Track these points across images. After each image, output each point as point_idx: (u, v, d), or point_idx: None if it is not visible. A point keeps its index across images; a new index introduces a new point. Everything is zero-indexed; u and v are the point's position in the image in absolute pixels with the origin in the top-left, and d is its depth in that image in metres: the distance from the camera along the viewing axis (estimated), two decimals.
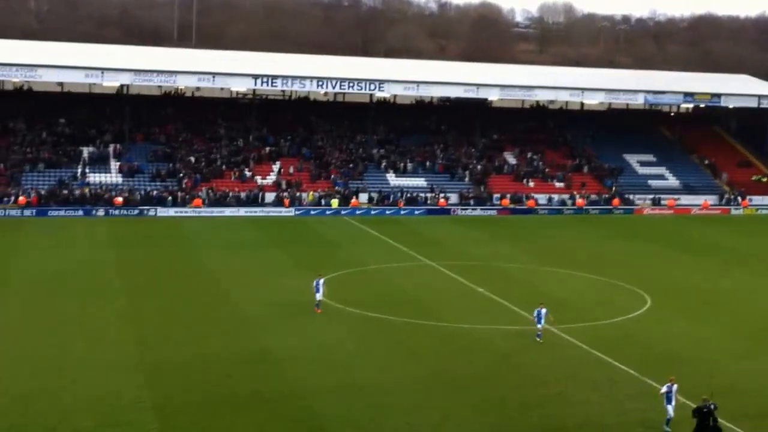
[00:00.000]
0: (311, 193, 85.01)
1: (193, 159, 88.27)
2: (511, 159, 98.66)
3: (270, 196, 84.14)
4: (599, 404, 31.80)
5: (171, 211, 79.09)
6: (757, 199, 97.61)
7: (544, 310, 39.71)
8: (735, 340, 41.37)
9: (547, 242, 70.61)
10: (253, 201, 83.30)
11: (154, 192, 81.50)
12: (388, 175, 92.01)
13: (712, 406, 28.27)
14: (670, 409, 29.16)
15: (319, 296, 44.00)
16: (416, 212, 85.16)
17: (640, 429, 29.58)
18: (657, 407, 30.38)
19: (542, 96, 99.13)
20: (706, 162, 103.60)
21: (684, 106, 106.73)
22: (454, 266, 57.19)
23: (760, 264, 63.22)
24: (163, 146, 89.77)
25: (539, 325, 39.55)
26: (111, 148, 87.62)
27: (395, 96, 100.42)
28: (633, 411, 31.15)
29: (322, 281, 44.63)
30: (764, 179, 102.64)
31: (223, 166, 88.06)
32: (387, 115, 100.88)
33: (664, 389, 29.77)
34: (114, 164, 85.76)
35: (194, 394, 31.85)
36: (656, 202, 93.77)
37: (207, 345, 37.99)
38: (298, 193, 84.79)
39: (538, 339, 39.46)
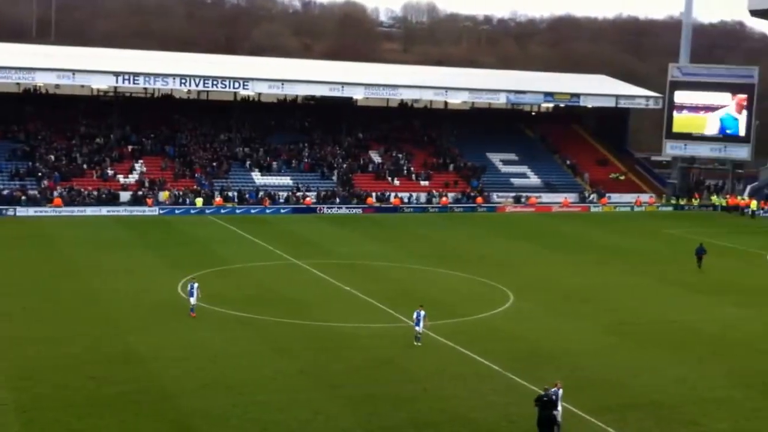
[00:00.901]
0: (166, 192, 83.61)
1: (53, 157, 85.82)
2: (377, 158, 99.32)
3: (125, 195, 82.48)
4: (466, 399, 32.16)
5: (30, 211, 76.94)
6: (615, 197, 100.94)
7: (423, 313, 38.66)
8: (596, 334, 42.45)
9: (413, 240, 71.31)
10: (114, 200, 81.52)
11: (12, 191, 78.93)
12: (253, 173, 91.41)
13: (554, 396, 28.41)
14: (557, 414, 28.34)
15: (193, 300, 42.42)
16: (282, 211, 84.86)
17: (504, 423, 30.00)
18: (520, 402, 31.00)
19: (407, 95, 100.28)
20: (567, 162, 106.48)
21: (545, 105, 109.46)
22: (321, 265, 57.19)
23: (621, 260, 65.14)
24: (22, 144, 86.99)
25: (418, 328, 38.64)
26: None
27: (260, 94, 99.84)
28: (498, 405, 31.60)
29: (196, 285, 42.80)
30: (622, 177, 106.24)
31: (84, 165, 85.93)
32: (252, 114, 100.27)
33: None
34: None
35: (59, 395, 30.98)
36: (518, 200, 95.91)
37: (73, 346, 37.01)
38: (152, 192, 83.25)
39: (416, 343, 38.60)
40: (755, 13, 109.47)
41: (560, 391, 28.78)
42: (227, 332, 40.04)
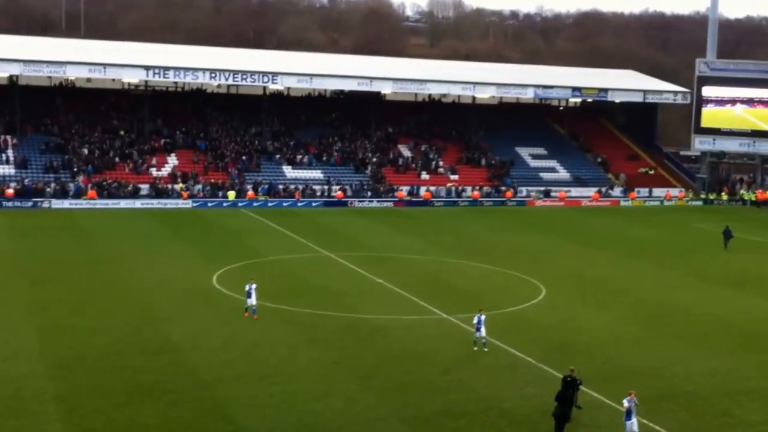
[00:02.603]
0: (180, 185, 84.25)
1: (86, 151, 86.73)
2: (406, 152, 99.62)
3: (158, 188, 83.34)
4: (500, 390, 32.45)
5: (66, 203, 77.97)
6: (645, 192, 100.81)
7: (483, 317, 37.07)
8: (627, 326, 42.65)
9: (443, 233, 71.55)
10: (149, 193, 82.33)
11: (49, 184, 79.94)
12: (284, 167, 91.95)
13: (578, 381, 29.81)
14: (629, 425, 27.78)
15: (251, 301, 41.40)
16: (313, 204, 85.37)
17: (538, 414, 30.23)
18: (554, 393, 31.29)
19: (435, 90, 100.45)
20: (598, 159, 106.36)
21: (572, 100, 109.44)
22: (352, 257, 57.63)
23: (651, 253, 65.18)
24: (56, 137, 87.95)
25: (478, 333, 37.08)
26: (1, 139, 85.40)
27: (289, 88, 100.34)
28: (531, 396, 31.89)
29: (254, 286, 41.71)
30: (651, 172, 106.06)
31: (117, 158, 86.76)
32: (281, 108, 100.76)
33: (625, 404, 28.03)
34: (5, 155, 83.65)
35: (97, 384, 31.44)
36: (547, 194, 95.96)
37: (110, 335, 37.58)
38: (173, 186, 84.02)
39: (484, 349, 37.00)
40: None
41: (632, 403, 27.92)
42: (261, 323, 40.47)
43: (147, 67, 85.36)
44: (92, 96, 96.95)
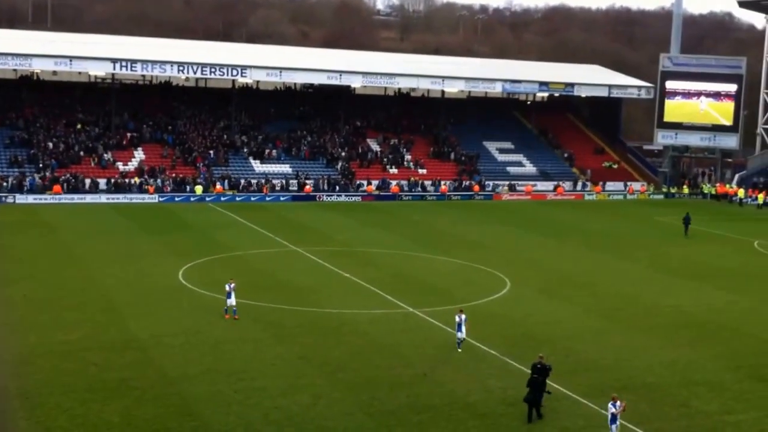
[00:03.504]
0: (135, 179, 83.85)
1: (51, 145, 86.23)
2: (375, 146, 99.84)
3: (125, 183, 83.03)
4: (465, 383, 32.81)
5: (30, 198, 77.31)
6: (609, 185, 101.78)
7: (464, 317, 36.48)
8: (590, 319, 43.21)
9: (411, 227, 71.96)
10: (115, 187, 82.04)
11: (10, 179, 79.45)
12: (253, 161, 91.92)
13: (548, 367, 30.34)
14: (614, 428, 27.66)
15: (230, 302, 40.54)
16: (282, 198, 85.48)
17: (502, 406, 30.64)
18: (518, 385, 31.72)
19: (404, 84, 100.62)
20: (565, 154, 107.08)
21: (540, 94, 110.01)
22: (320, 252, 57.86)
23: (613, 246, 66.02)
24: (21, 132, 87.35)
25: (460, 334, 36.49)
26: None
27: (258, 82, 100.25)
28: (496, 389, 32.31)
29: (233, 285, 40.87)
30: (614, 166, 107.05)
31: (82, 152, 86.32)
32: (250, 101, 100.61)
33: (611, 409, 27.73)
34: None
35: (61, 382, 31.44)
36: (512, 188, 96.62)
37: (74, 332, 37.58)
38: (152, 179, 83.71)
39: (458, 349, 36.47)
40: (743, 4, 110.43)
41: (618, 404, 27.76)
42: (228, 319, 40.54)
43: (114, 60, 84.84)
44: (58, 89, 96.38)
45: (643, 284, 52.02)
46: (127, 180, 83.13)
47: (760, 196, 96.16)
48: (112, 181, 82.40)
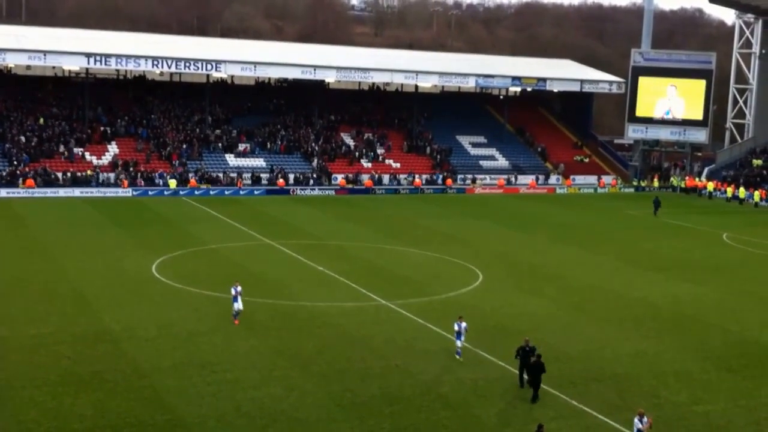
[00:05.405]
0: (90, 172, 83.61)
1: (23, 138, 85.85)
2: (349, 140, 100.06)
3: (103, 177, 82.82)
4: (436, 375, 33.11)
5: (2, 192, 76.92)
6: (579, 179, 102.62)
7: (464, 324, 35.02)
8: (560, 310, 43.64)
9: (384, 221, 72.31)
10: (87, 182, 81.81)
11: None
12: (227, 155, 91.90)
13: (534, 348, 31.62)
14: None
15: (237, 306, 38.99)
16: (256, 192, 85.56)
17: (473, 397, 30.96)
18: (489, 376, 32.05)
19: (378, 78, 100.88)
20: (538, 148, 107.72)
21: (512, 89, 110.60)
22: (293, 245, 58.05)
23: (582, 238, 66.67)
24: None
25: (459, 342, 35.12)
26: None
27: (232, 76, 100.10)
28: (467, 380, 32.58)
29: (239, 288, 39.38)
30: (585, 160, 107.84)
31: (55, 147, 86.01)
32: (225, 96, 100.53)
33: (637, 425, 26.83)
34: None
35: (32, 375, 31.44)
36: (484, 182, 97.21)
37: (45, 325, 37.58)
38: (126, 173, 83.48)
39: (458, 357, 35.00)
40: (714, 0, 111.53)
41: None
42: (200, 311, 40.64)
43: (88, 55, 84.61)
44: (31, 83, 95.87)
45: (613, 276, 52.61)
46: (99, 173, 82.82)
47: (729, 190, 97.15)
48: (85, 174, 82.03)
